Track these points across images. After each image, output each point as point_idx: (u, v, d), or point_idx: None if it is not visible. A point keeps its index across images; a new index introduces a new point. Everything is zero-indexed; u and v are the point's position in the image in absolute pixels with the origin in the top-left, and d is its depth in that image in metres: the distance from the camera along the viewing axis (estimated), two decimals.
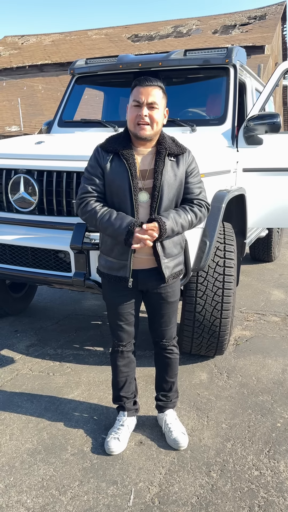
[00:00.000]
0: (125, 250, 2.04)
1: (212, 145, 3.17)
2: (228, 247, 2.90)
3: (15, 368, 3.14)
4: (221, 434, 2.40)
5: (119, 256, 2.07)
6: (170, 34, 22.25)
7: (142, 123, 1.96)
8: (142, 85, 1.96)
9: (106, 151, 2.04)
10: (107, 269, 2.14)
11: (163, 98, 2.01)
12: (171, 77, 3.85)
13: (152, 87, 1.96)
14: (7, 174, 2.75)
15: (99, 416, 2.56)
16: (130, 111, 2.00)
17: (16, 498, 1.98)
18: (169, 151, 2.02)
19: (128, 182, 1.98)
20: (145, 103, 1.95)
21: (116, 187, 2.00)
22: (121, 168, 1.99)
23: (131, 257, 2.04)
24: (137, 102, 1.97)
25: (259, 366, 3.14)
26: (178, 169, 2.04)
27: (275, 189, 3.80)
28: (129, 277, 2.07)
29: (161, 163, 2.00)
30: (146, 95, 1.95)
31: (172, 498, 1.97)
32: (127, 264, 2.06)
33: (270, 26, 20.34)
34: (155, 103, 1.96)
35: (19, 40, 26.24)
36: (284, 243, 7.22)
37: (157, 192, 2.00)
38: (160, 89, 1.99)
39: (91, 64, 4.08)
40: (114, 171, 2.00)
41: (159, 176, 1.99)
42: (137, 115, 1.96)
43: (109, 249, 2.10)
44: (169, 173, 2.01)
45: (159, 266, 2.09)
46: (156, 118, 1.98)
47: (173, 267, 2.14)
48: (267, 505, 1.93)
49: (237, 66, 3.67)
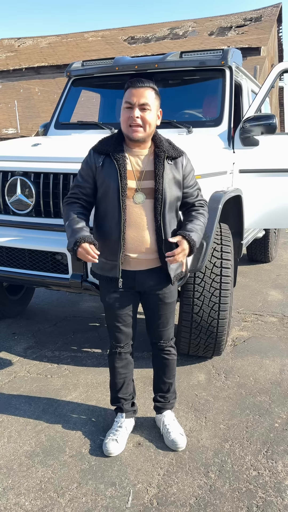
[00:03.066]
0: (115, 250, 2.05)
1: (208, 147, 3.18)
2: (224, 248, 2.90)
3: (12, 371, 3.13)
4: (219, 435, 2.40)
5: (109, 257, 2.09)
6: (167, 36, 22.31)
7: (134, 124, 1.96)
8: (134, 86, 1.97)
9: (98, 153, 2.05)
10: (100, 270, 2.16)
11: (156, 99, 2.02)
12: (167, 79, 3.86)
13: (144, 88, 1.97)
14: (4, 176, 2.76)
15: (97, 418, 2.56)
16: (122, 113, 2.01)
17: (14, 501, 1.98)
18: (167, 154, 2.04)
19: (117, 182, 1.99)
20: (136, 105, 1.96)
21: (106, 187, 2.02)
22: (112, 169, 2.01)
23: (120, 257, 2.05)
24: (129, 104, 1.97)
25: (256, 367, 3.14)
26: (177, 172, 2.07)
27: (272, 190, 3.82)
28: (119, 277, 2.08)
29: (161, 166, 2.02)
30: (138, 96, 1.96)
31: (171, 499, 1.97)
32: (117, 265, 2.07)
33: (266, 27, 20.43)
34: (147, 104, 1.97)
35: (16, 42, 26.25)
36: (281, 243, 7.24)
37: (160, 195, 2.01)
38: (152, 90, 1.99)
39: (87, 66, 4.09)
40: (105, 172, 2.02)
41: (160, 179, 2.01)
42: (129, 116, 1.97)
43: (100, 251, 2.11)
44: (168, 176, 2.03)
45: (165, 268, 2.11)
46: (149, 120, 1.98)
47: (176, 269, 2.17)
48: (265, 505, 1.93)
49: (233, 68, 3.69)
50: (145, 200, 2.03)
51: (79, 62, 4.16)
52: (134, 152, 2.05)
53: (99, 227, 2.11)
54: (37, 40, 25.93)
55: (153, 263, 2.12)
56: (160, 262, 2.11)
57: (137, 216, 2.04)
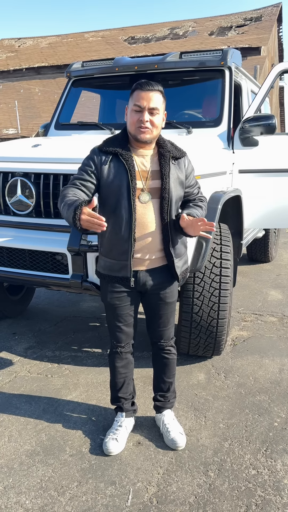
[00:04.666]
0: (124, 250, 2.06)
1: (208, 147, 3.20)
2: (224, 248, 2.91)
3: (13, 370, 3.15)
4: (218, 434, 2.41)
5: (118, 257, 2.10)
6: (167, 36, 22.31)
7: (143, 127, 1.99)
8: (143, 89, 1.98)
9: (104, 152, 2.06)
10: (107, 270, 2.16)
11: (163, 102, 2.05)
12: (167, 80, 3.87)
13: (153, 92, 1.98)
14: (4, 177, 2.77)
15: (97, 417, 2.58)
16: (130, 115, 2.02)
17: (15, 499, 1.99)
18: (172, 154, 2.07)
19: (127, 182, 2.00)
20: (146, 108, 1.98)
21: (115, 187, 2.02)
22: (120, 169, 2.02)
23: (131, 257, 2.06)
24: (138, 107, 1.99)
25: (256, 366, 3.15)
26: (180, 172, 2.11)
27: (271, 190, 3.83)
28: (130, 277, 2.10)
29: (167, 166, 2.05)
30: (148, 100, 1.97)
31: (170, 498, 1.99)
32: (128, 264, 2.08)
33: (266, 27, 20.42)
34: (157, 108, 1.99)
35: (16, 42, 26.27)
36: (281, 243, 7.25)
37: (167, 194, 2.04)
38: (160, 93, 2.02)
39: (87, 67, 4.10)
40: (112, 172, 2.02)
41: (167, 179, 2.04)
42: (138, 119, 1.99)
43: (108, 251, 2.12)
44: (174, 176, 2.07)
45: (171, 266, 2.14)
46: (157, 123, 2.01)
47: (181, 266, 2.20)
48: (264, 504, 1.95)
49: (232, 68, 3.70)
50: (151, 199, 2.06)
51: (79, 62, 4.18)
52: (139, 152, 2.07)
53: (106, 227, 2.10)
54: (37, 40, 25.95)
55: (156, 263, 2.14)
56: (166, 260, 2.14)
57: (141, 216, 2.06)
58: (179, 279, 2.20)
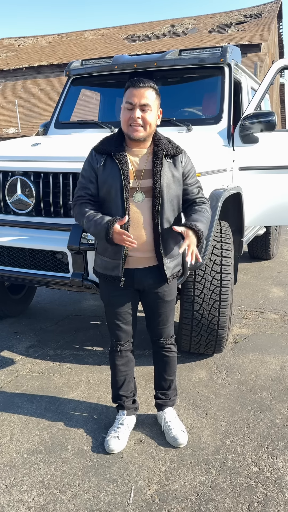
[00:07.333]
0: (118, 249, 2.06)
1: (208, 144, 3.19)
2: (225, 245, 2.91)
3: (15, 369, 3.15)
4: (220, 431, 2.41)
5: (112, 256, 2.10)
6: (167, 34, 22.25)
7: (135, 125, 1.98)
8: (135, 86, 1.97)
9: (99, 153, 2.06)
10: (103, 269, 2.16)
11: (156, 99, 2.03)
12: (167, 77, 3.86)
13: (144, 89, 1.97)
14: (4, 176, 2.77)
15: (99, 415, 2.58)
16: (123, 113, 2.02)
17: (17, 498, 2.00)
18: (166, 152, 2.05)
19: (120, 182, 2.00)
20: (137, 105, 1.97)
21: (108, 187, 2.03)
22: (114, 168, 2.01)
23: (123, 256, 2.06)
24: (129, 104, 1.98)
25: (257, 364, 3.15)
26: (176, 170, 2.07)
27: (272, 187, 3.81)
28: (121, 276, 2.09)
29: (159, 165, 2.02)
30: (139, 97, 1.96)
31: (172, 495, 1.99)
32: (120, 263, 2.08)
33: (266, 24, 20.35)
34: (148, 105, 1.98)
35: (16, 42, 26.24)
36: (283, 240, 7.24)
37: (158, 194, 2.02)
38: (153, 90, 2.00)
39: (86, 65, 4.09)
40: (107, 172, 2.03)
41: (158, 178, 2.01)
42: (130, 117, 1.98)
43: (103, 249, 2.12)
44: (167, 174, 2.04)
45: (161, 266, 2.12)
46: (149, 120, 1.99)
47: (173, 268, 2.17)
48: (266, 501, 1.95)
49: (232, 65, 3.69)
50: (144, 199, 2.05)
51: (78, 61, 4.17)
52: (133, 151, 2.06)
53: None
54: (37, 39, 25.91)
55: (151, 262, 2.13)
56: (157, 260, 2.13)
57: (135, 215, 2.05)
58: (168, 280, 2.15)
